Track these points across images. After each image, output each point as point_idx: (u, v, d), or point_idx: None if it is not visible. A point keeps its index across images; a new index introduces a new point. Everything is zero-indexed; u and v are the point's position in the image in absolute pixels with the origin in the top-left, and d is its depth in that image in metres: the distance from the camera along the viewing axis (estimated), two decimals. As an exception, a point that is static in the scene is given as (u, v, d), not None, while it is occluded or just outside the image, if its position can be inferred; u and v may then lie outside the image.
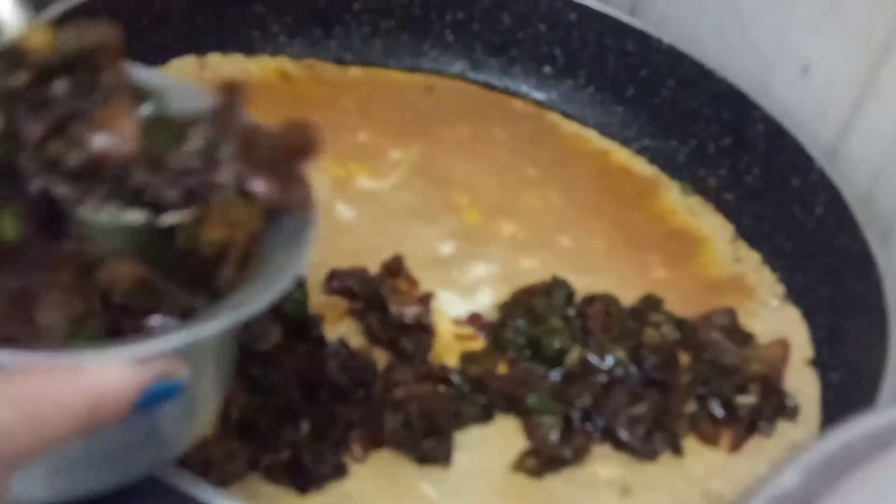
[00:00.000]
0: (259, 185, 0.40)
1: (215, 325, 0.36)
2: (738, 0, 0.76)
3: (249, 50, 0.75)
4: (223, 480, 0.50)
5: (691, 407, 0.60)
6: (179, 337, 0.36)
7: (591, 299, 0.63)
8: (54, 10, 0.63)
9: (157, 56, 0.71)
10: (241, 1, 0.75)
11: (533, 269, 0.66)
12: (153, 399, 0.36)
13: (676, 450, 0.59)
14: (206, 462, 0.50)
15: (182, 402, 0.38)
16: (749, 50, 0.75)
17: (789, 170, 0.70)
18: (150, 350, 0.35)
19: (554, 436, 0.56)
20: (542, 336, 0.60)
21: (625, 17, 0.77)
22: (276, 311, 0.58)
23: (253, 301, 0.38)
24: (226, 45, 0.74)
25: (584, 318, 0.62)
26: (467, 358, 0.60)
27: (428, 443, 0.55)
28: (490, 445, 0.57)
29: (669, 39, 0.75)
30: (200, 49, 0.73)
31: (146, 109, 0.41)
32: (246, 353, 0.55)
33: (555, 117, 0.79)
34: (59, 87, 0.40)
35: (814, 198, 0.69)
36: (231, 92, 0.42)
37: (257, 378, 0.54)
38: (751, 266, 0.71)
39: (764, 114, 0.72)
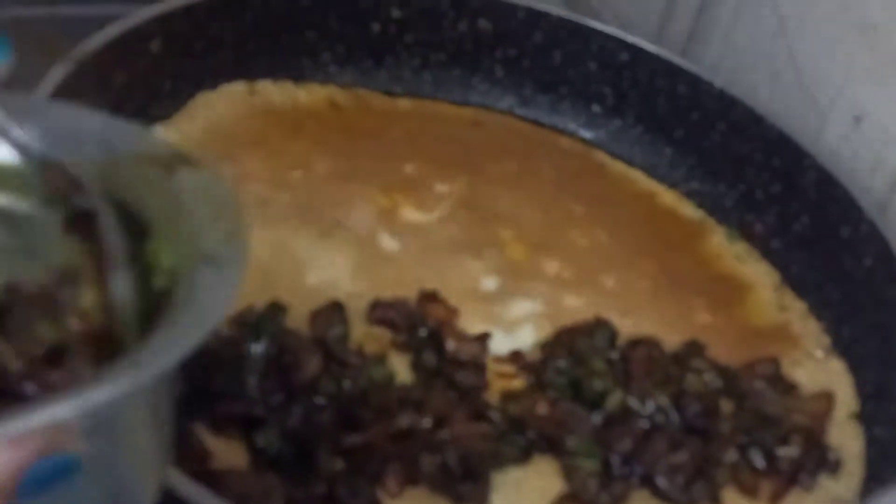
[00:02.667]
0: None
1: (108, 390, 0.30)
2: (794, 47, 0.75)
3: (299, 77, 0.75)
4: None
5: (732, 456, 0.59)
6: (62, 408, 0.29)
7: (635, 343, 0.62)
8: (110, 33, 0.64)
9: (208, 80, 0.72)
10: (294, 28, 0.75)
11: (576, 308, 0.65)
12: (42, 480, 0.30)
13: (716, 500, 0.58)
14: (242, 496, 0.49)
15: (102, 481, 0.33)
16: (802, 97, 0.75)
17: (839, 220, 0.69)
18: (24, 425, 0.29)
19: (593, 483, 0.55)
20: (584, 377, 0.59)
21: (677, 59, 0.76)
22: (317, 340, 0.58)
23: (159, 358, 0.32)
24: (276, 71, 0.75)
25: (628, 362, 0.61)
26: (507, 396, 0.59)
27: (465, 486, 0.54)
28: (527, 487, 0.56)
29: (721, 83, 0.75)
30: (251, 74, 0.74)
31: None
32: (286, 383, 0.55)
33: (602, 156, 0.78)
34: None
35: (863, 249, 0.68)
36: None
37: (298, 409, 0.54)
38: (796, 315, 0.70)
39: (815, 162, 0.71)
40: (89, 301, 0.37)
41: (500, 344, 0.62)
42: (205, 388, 0.54)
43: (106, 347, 0.36)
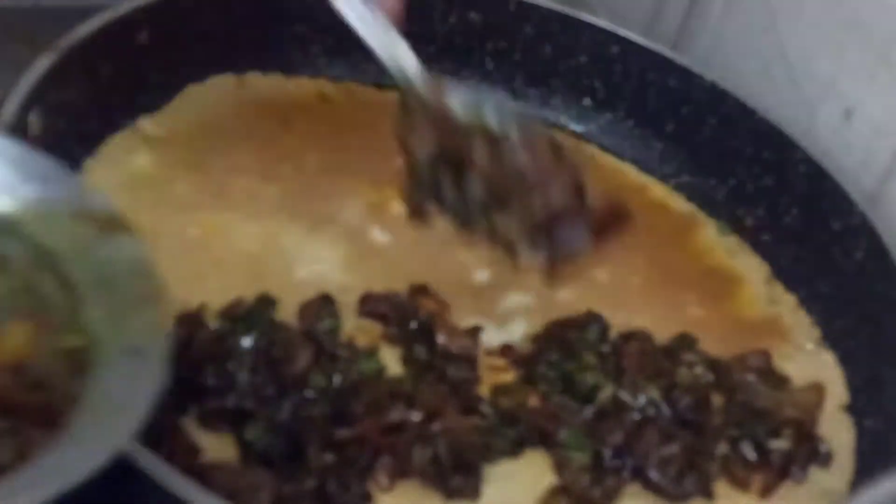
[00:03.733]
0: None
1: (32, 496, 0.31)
2: (785, 42, 0.75)
3: (289, 70, 0.75)
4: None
5: (723, 449, 0.59)
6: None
7: (627, 337, 0.62)
8: (96, 23, 0.63)
9: (196, 72, 0.71)
10: (283, 21, 0.75)
11: (568, 302, 0.65)
12: None
13: (707, 493, 0.57)
14: (232, 491, 0.49)
15: None
16: (793, 91, 0.75)
17: (830, 213, 0.69)
18: None
19: (584, 476, 0.55)
20: (576, 372, 0.59)
21: (668, 53, 0.76)
22: (307, 334, 0.57)
23: (69, 471, 0.31)
24: (266, 64, 0.74)
25: (619, 356, 0.61)
26: (498, 390, 0.59)
27: (456, 479, 0.54)
28: (518, 480, 0.56)
29: (712, 77, 0.75)
30: (240, 67, 0.73)
31: None
32: (276, 376, 0.54)
33: (593, 150, 0.78)
34: None
35: (854, 242, 0.68)
36: None
37: (288, 403, 0.53)
38: (787, 308, 0.70)
39: (806, 155, 0.71)
40: None
41: (492, 337, 0.62)
42: (193, 382, 0.53)
43: None
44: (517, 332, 0.63)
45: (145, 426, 0.33)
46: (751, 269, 0.72)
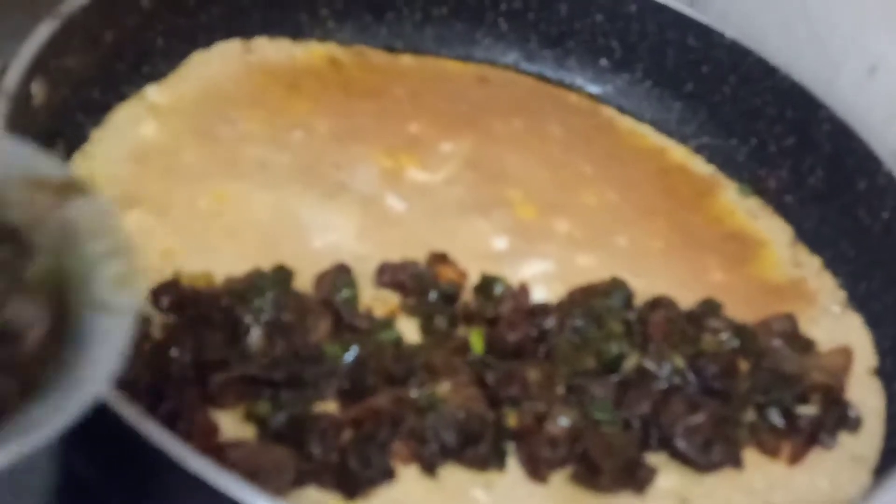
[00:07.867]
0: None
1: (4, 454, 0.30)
2: (807, -4, 0.74)
3: (297, 34, 0.73)
4: (272, 490, 0.48)
5: (750, 416, 0.58)
6: None
7: (653, 305, 0.61)
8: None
9: (202, 37, 0.69)
10: (290, -17, 0.73)
11: (589, 268, 0.63)
12: None
13: (736, 461, 0.56)
14: (252, 470, 0.47)
15: None
16: (816, 47, 0.73)
17: (855, 172, 0.68)
18: None
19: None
20: (601, 340, 0.58)
21: (687, 10, 0.75)
22: (326, 304, 0.56)
23: (38, 427, 0.31)
24: (273, 28, 0.72)
25: (645, 324, 0.60)
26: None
27: (482, 447, 0.52)
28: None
29: (732, 34, 0.73)
30: (247, 32, 0.71)
31: None
32: (293, 348, 0.53)
33: (610, 112, 0.76)
34: None
35: (880, 202, 0.66)
36: None
37: (303, 376, 0.52)
38: (811, 271, 0.69)
39: (830, 113, 0.69)
40: None
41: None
42: (209, 357, 0.52)
43: None
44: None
45: (118, 377, 0.33)
46: (774, 231, 0.71)
